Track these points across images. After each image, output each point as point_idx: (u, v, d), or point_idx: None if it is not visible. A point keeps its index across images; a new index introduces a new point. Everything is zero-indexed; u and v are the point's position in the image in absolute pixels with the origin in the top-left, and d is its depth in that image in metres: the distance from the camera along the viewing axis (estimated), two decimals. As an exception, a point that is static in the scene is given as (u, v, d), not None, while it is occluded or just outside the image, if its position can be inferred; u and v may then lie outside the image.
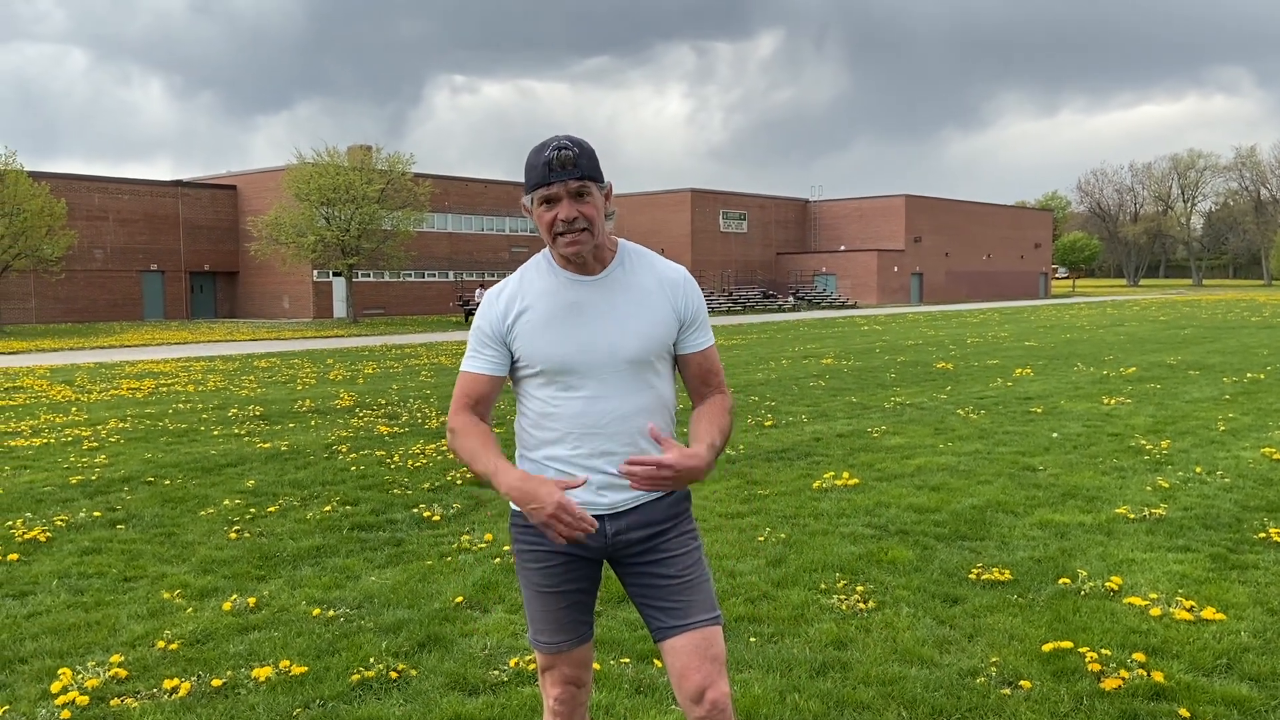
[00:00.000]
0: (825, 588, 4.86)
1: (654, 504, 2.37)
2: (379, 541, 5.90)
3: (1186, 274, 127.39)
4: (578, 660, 2.46)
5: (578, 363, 2.30)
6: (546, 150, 2.21)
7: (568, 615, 2.41)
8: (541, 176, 2.21)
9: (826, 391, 13.52)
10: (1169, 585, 4.81)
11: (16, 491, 7.46)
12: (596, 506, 2.33)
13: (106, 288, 45.92)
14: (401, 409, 12.24)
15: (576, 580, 2.41)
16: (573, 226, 2.22)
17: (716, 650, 2.31)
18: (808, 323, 37.73)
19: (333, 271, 45.76)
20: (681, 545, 2.38)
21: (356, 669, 3.92)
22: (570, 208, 2.22)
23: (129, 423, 11.29)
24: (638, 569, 2.38)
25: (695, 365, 2.43)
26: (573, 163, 2.20)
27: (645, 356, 2.33)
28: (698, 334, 2.41)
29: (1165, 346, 20.75)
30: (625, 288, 2.34)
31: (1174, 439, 8.95)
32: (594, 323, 2.31)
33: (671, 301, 2.36)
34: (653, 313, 2.34)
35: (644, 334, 2.32)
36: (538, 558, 2.40)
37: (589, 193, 2.23)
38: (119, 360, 22.48)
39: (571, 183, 2.20)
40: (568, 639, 2.43)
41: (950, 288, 68.82)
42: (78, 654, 4.15)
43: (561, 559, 2.38)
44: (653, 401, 2.36)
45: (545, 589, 2.40)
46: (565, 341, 2.30)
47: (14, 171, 35.23)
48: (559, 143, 2.22)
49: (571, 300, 2.32)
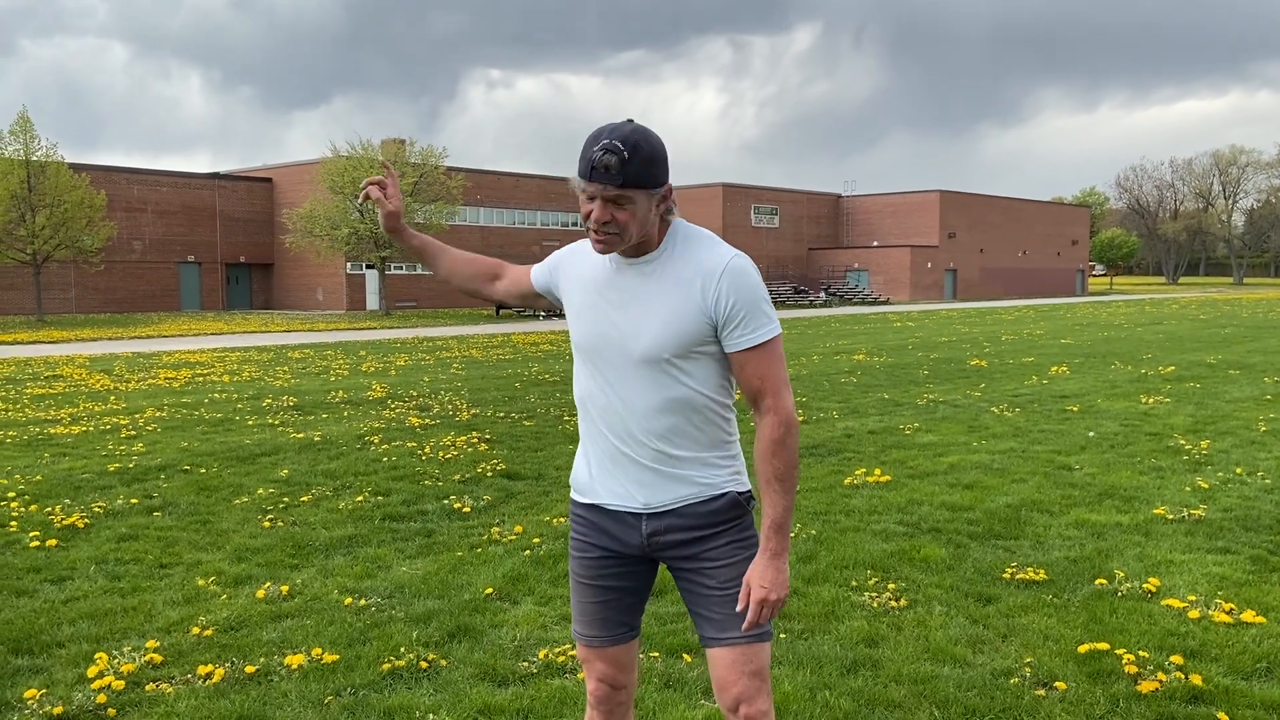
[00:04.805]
0: (856, 585, 4.82)
1: (692, 507, 2.25)
2: (410, 532, 5.93)
3: (1227, 272, 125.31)
4: (613, 659, 2.39)
5: (598, 349, 2.25)
6: (596, 145, 2.06)
7: (602, 611, 2.36)
8: (584, 172, 2.09)
9: (858, 388, 13.43)
10: (1208, 587, 4.72)
11: (56, 478, 7.58)
12: (631, 504, 2.27)
13: (144, 279, 46.54)
14: (433, 401, 12.30)
15: (615, 577, 2.34)
16: (603, 229, 2.12)
17: (757, 665, 2.21)
18: (839, 319, 37.51)
19: (366, 264, 46.10)
20: (728, 555, 2.24)
21: (387, 658, 3.94)
22: (604, 211, 2.10)
23: (166, 412, 11.43)
24: (682, 573, 2.30)
25: (739, 369, 2.19)
26: (616, 169, 2.04)
27: (658, 355, 2.16)
28: (738, 331, 2.15)
29: (1205, 345, 20.41)
30: (658, 279, 2.19)
31: (1214, 439, 8.80)
32: (615, 311, 2.22)
33: (702, 295, 2.14)
34: (675, 307, 2.15)
35: (658, 331, 2.16)
36: (580, 546, 2.37)
37: (628, 200, 2.09)
38: (156, 350, 22.79)
39: (610, 188, 2.07)
40: (600, 635, 2.37)
41: (985, 284, 68.14)
42: (114, 639, 4.21)
43: (599, 552, 2.34)
44: (679, 402, 2.19)
45: (582, 579, 2.38)
46: (590, 324, 2.26)
47: (55, 164, 35.76)
48: (608, 143, 2.04)
49: (609, 283, 2.25)
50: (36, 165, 35.29)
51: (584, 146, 2.10)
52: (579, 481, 2.37)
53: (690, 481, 2.24)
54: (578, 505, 2.38)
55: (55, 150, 36.12)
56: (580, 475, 2.37)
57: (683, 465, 2.23)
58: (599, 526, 2.33)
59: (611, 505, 2.30)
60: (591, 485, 2.33)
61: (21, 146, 35.14)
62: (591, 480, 2.33)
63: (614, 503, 2.29)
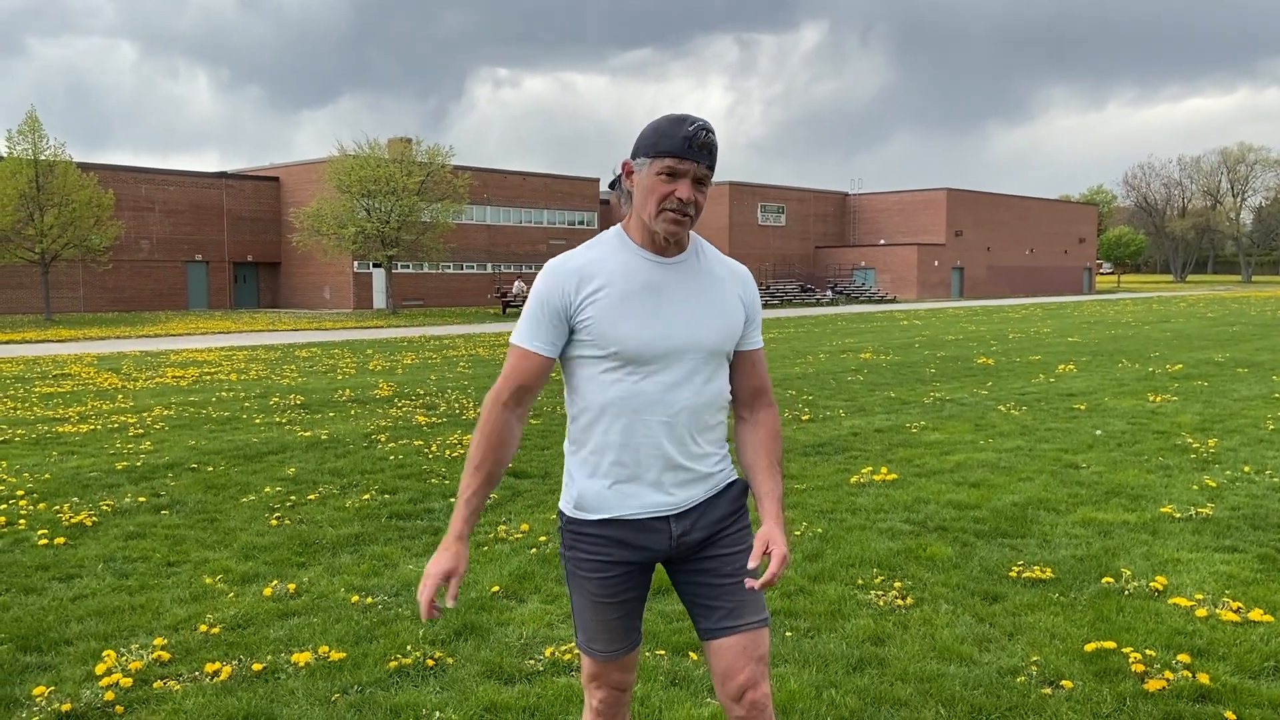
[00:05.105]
0: (862, 583, 4.82)
1: (719, 498, 2.30)
2: (417, 530, 5.94)
3: (1235, 270, 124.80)
4: (628, 665, 2.39)
5: (658, 349, 2.18)
6: (689, 125, 2.11)
7: (622, 624, 2.32)
8: (679, 148, 2.11)
9: (865, 386, 13.42)
10: (1215, 586, 4.71)
11: (64, 476, 7.61)
12: (665, 506, 2.24)
13: (152, 277, 46.68)
14: (439, 399, 12.32)
15: (635, 588, 2.31)
16: (684, 209, 2.14)
17: (762, 651, 2.26)
18: (846, 317, 37.47)
19: (373, 263, 46.14)
20: (739, 541, 2.31)
21: (394, 656, 3.95)
22: (691, 190, 2.13)
23: (173, 410, 11.47)
24: (694, 569, 2.30)
25: (749, 365, 2.36)
26: (710, 150, 2.13)
27: (723, 346, 2.26)
28: (753, 330, 2.36)
29: (1213, 343, 20.35)
30: (702, 274, 2.27)
31: (1221, 437, 8.78)
32: (673, 307, 2.21)
33: (741, 293, 2.32)
34: (726, 302, 2.28)
35: (721, 323, 2.26)
36: (595, 567, 2.27)
37: (707, 184, 2.17)
38: (164, 349, 22.85)
39: (703, 167, 2.13)
40: (621, 646, 2.35)
41: (992, 283, 68.00)
42: (122, 636, 4.22)
43: (621, 569, 2.27)
44: (719, 395, 2.28)
45: (601, 599, 2.29)
46: (646, 325, 2.18)
47: (63, 163, 35.87)
48: (703, 123, 2.13)
49: (649, 281, 2.20)
50: (45, 164, 35.40)
51: (664, 128, 2.13)
52: (589, 500, 2.25)
53: (710, 475, 2.30)
54: (588, 524, 2.26)
55: (63, 149, 36.24)
56: (589, 492, 2.25)
57: (708, 460, 2.30)
58: (618, 541, 2.25)
59: (638, 515, 2.24)
60: (609, 500, 2.24)
61: (30, 146, 35.25)
62: (610, 494, 2.23)
63: (639, 512, 2.23)
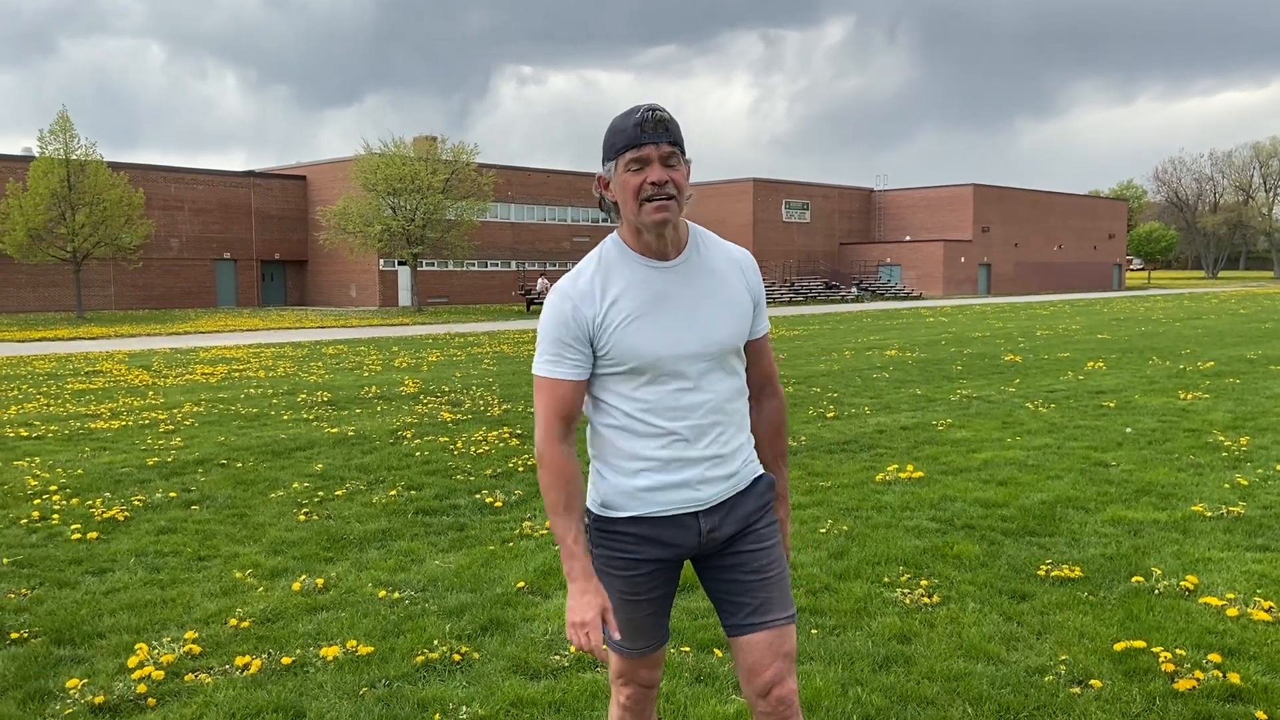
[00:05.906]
0: (888, 581, 4.80)
1: (747, 493, 2.30)
2: (443, 526, 5.98)
3: (1268, 266, 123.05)
4: (655, 661, 2.39)
5: (673, 356, 2.17)
6: (637, 112, 2.11)
7: (651, 621, 2.32)
8: (632, 138, 2.09)
9: (890, 383, 13.35)
10: (1247, 585, 4.66)
11: (96, 472, 7.71)
12: (693, 503, 2.23)
13: (182, 275, 47.18)
14: (465, 396, 12.37)
15: (664, 584, 2.31)
16: (663, 190, 2.09)
17: (789, 647, 2.26)
18: (871, 314, 37.28)
19: (398, 261, 46.43)
20: (768, 537, 2.30)
21: (421, 650, 3.98)
22: (661, 171, 2.09)
23: (203, 406, 11.59)
24: (721, 564, 2.29)
25: (754, 353, 2.35)
26: (665, 125, 2.10)
27: (736, 342, 2.25)
28: (760, 317, 2.33)
29: (1245, 340, 20.08)
30: (704, 272, 2.23)
31: (1254, 435, 8.67)
32: (684, 314, 2.19)
33: (744, 282, 2.29)
34: (732, 295, 2.25)
35: (733, 320, 2.24)
36: (624, 565, 2.26)
37: (678, 161, 2.12)
38: (193, 346, 23.09)
39: (664, 145, 2.09)
40: (650, 643, 2.35)
41: (1019, 279, 67.44)
42: (153, 630, 4.28)
43: (650, 566, 2.27)
44: (739, 387, 2.29)
45: (631, 597, 2.28)
46: (660, 337, 2.16)
47: (94, 162, 36.34)
48: (651, 105, 2.12)
49: (658, 291, 2.19)
50: (76, 164, 35.88)
51: (617, 125, 2.13)
52: (616, 498, 2.25)
53: (736, 470, 2.29)
54: (616, 522, 2.26)
55: (94, 149, 36.73)
56: (616, 491, 2.24)
57: (733, 455, 2.28)
58: (648, 538, 2.24)
59: (666, 512, 2.23)
60: (637, 498, 2.23)
61: (61, 146, 35.75)
62: (637, 492, 2.23)
63: (667, 509, 2.23)
